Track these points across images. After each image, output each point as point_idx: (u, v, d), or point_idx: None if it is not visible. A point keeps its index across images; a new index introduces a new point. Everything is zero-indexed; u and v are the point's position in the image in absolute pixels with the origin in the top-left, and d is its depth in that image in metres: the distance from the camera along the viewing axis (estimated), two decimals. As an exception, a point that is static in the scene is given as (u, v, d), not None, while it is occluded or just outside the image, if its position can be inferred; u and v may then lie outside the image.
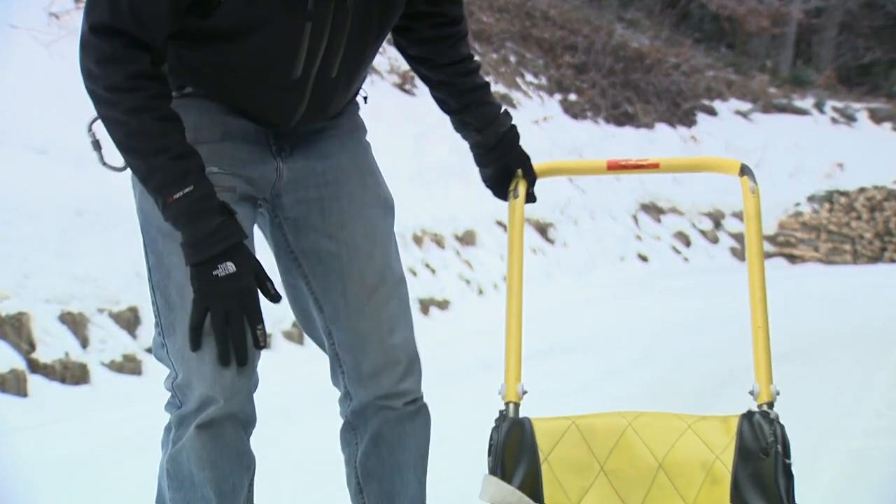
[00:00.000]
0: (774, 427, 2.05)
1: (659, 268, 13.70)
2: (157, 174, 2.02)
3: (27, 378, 5.79)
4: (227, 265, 2.00)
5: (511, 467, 2.06)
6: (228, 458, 2.19)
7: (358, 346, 2.31)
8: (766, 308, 2.15)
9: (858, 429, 4.92)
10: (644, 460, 2.10)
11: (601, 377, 5.84)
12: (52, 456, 4.60)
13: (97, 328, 6.45)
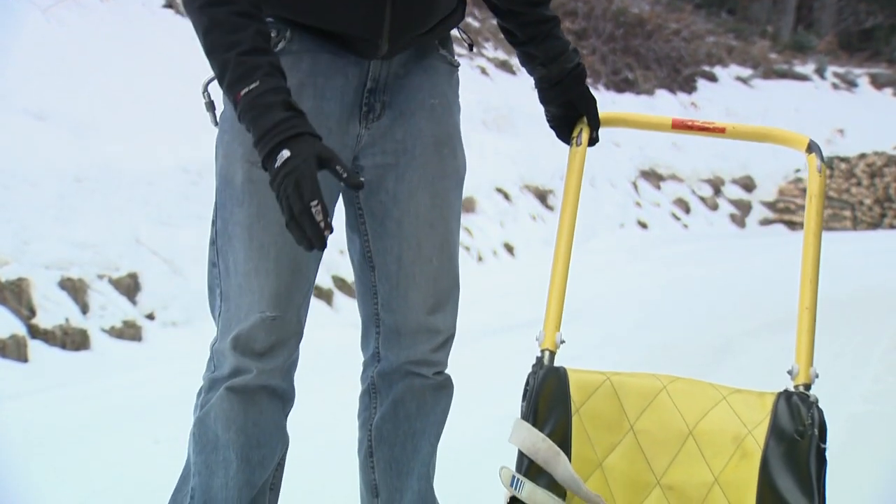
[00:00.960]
0: (812, 410, 2.03)
1: (658, 234, 13.69)
2: (227, 71, 2.02)
3: (27, 343, 5.80)
4: (281, 153, 1.97)
5: (543, 415, 2.05)
6: (264, 428, 2.21)
7: (402, 310, 2.31)
8: (816, 289, 2.11)
9: (857, 394, 4.94)
10: (675, 425, 2.09)
11: (600, 343, 5.85)
12: (53, 421, 4.61)
13: (97, 294, 6.46)
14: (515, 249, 11.34)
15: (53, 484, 3.72)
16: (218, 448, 2.18)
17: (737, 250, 12.15)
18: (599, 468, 2.06)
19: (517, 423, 2.02)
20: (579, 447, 2.06)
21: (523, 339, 3.38)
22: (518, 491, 1.91)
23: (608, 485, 2.04)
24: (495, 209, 11.02)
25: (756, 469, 2.02)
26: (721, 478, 2.04)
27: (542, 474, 1.98)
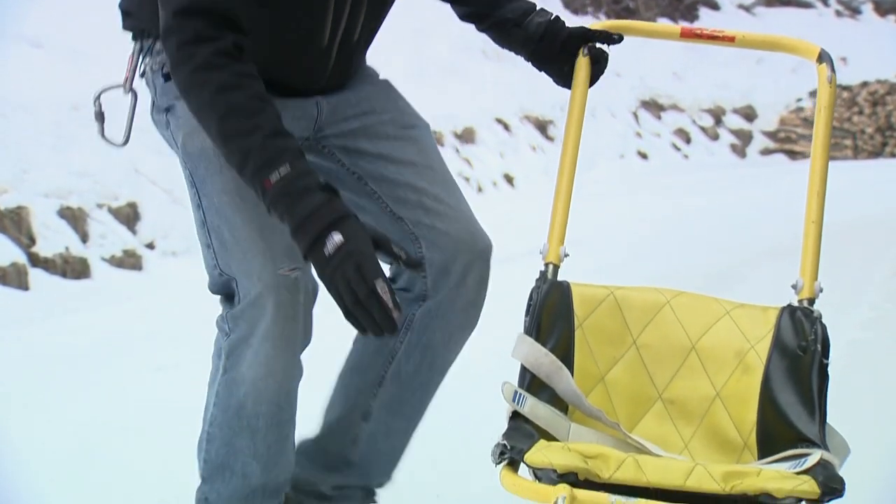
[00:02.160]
0: (816, 325, 2.02)
1: (659, 165, 13.65)
2: (252, 155, 1.93)
3: (28, 272, 5.81)
4: (332, 237, 1.88)
5: (546, 329, 2.05)
6: (293, 390, 2.21)
7: (451, 247, 2.29)
8: (822, 202, 2.10)
9: (855, 321, 4.96)
10: (678, 339, 2.09)
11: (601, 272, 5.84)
12: (53, 349, 4.63)
13: (97, 223, 6.46)
14: (515, 180, 11.32)
15: (54, 411, 3.74)
16: (243, 415, 2.17)
17: (737, 180, 12.13)
18: (601, 382, 2.07)
19: (520, 338, 2.02)
20: (582, 361, 2.07)
21: (523, 269, 3.38)
22: (520, 406, 1.92)
23: (610, 398, 2.05)
24: (495, 140, 10.98)
25: (758, 383, 2.02)
26: (723, 392, 2.04)
27: (544, 389, 1.99)
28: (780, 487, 1.69)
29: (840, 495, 1.70)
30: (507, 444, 1.80)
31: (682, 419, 2.06)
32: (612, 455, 1.75)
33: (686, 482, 1.72)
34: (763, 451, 1.96)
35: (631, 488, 1.72)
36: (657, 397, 2.08)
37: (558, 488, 1.70)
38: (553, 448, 1.77)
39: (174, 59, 1.97)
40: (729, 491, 1.70)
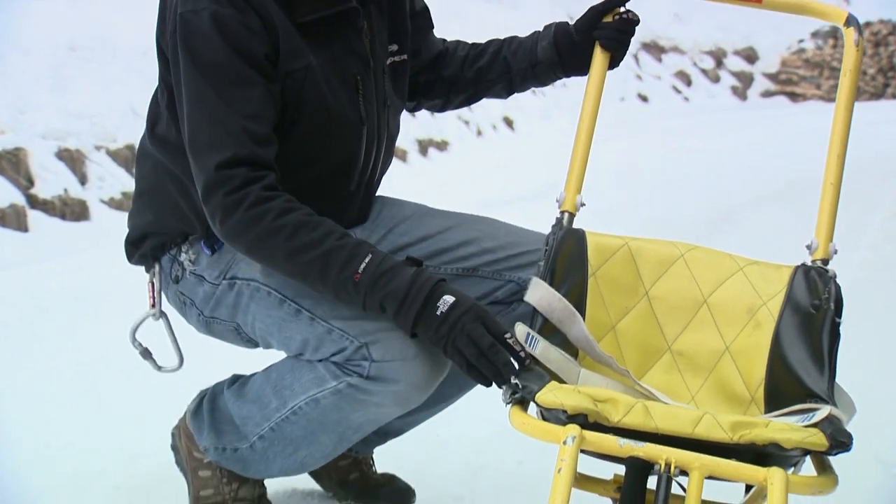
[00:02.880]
0: (830, 285, 2.01)
1: (659, 107, 13.61)
2: (333, 258, 1.97)
3: (27, 214, 5.81)
4: (444, 299, 1.93)
5: (560, 275, 2.06)
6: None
7: (508, 247, 2.32)
8: (842, 165, 2.08)
9: (854, 262, 4.98)
10: (690, 292, 2.09)
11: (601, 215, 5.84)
12: (53, 290, 4.64)
13: (95, 165, 6.44)
14: (515, 123, 11.28)
15: (54, 351, 3.76)
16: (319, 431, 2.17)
17: (738, 123, 12.09)
18: (612, 331, 2.07)
19: (534, 282, 2.02)
20: (593, 309, 2.07)
21: (523, 211, 3.38)
22: (532, 348, 1.92)
23: (620, 347, 2.06)
24: (495, 81, 10.90)
25: (768, 340, 2.02)
26: (732, 346, 2.05)
27: (555, 333, 1.99)
28: (788, 438, 1.69)
29: (847, 449, 1.71)
30: (518, 383, 1.81)
31: (690, 371, 2.07)
32: (622, 400, 1.75)
33: (694, 430, 1.72)
34: (770, 405, 1.96)
35: (639, 433, 1.73)
36: (666, 349, 2.09)
37: (568, 428, 1.71)
38: (564, 390, 1.78)
39: (224, 208, 2.00)
40: (737, 440, 1.71)
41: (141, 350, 2.29)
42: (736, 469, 1.69)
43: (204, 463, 2.27)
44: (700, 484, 1.68)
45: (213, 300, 2.20)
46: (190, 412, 2.30)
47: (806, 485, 1.73)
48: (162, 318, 2.29)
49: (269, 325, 2.13)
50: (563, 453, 1.67)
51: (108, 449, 2.79)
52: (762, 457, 1.72)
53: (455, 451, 2.83)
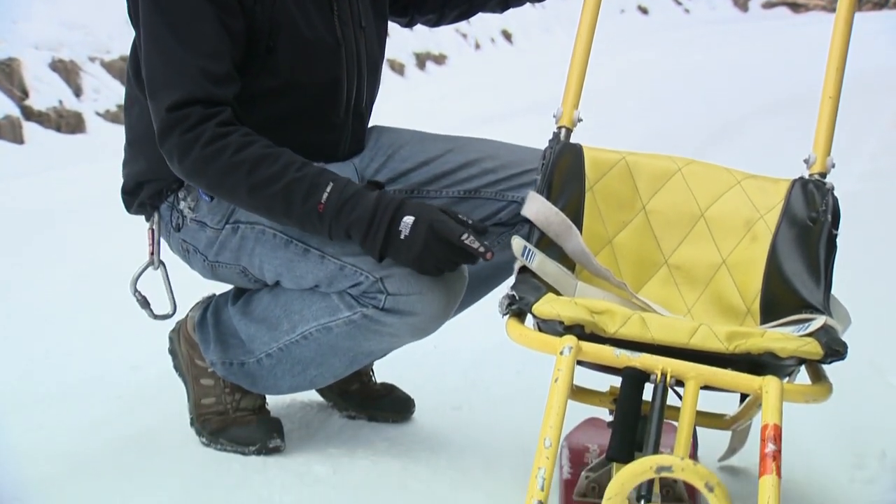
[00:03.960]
0: (828, 197, 2.01)
1: (659, 20, 13.47)
2: (295, 190, 1.97)
3: (22, 125, 5.77)
4: (404, 221, 1.93)
5: (558, 189, 2.06)
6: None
7: (510, 166, 2.31)
8: (841, 78, 2.06)
9: (853, 173, 4.96)
10: (687, 206, 2.09)
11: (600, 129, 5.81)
12: (49, 202, 4.63)
13: (90, 77, 6.39)
14: (513, 37, 11.17)
15: (51, 261, 3.77)
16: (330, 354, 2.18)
17: (738, 35, 11.98)
18: (609, 245, 2.08)
19: (531, 196, 2.02)
20: (590, 223, 2.07)
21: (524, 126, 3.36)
22: (529, 261, 1.93)
23: (616, 261, 2.06)
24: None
25: (765, 252, 2.03)
26: (729, 259, 2.05)
27: (552, 247, 1.99)
28: (783, 347, 1.70)
29: (842, 357, 1.72)
30: (515, 294, 1.81)
31: (686, 284, 2.07)
32: (619, 311, 1.76)
33: (690, 341, 1.73)
34: (766, 317, 1.97)
35: (636, 344, 1.74)
36: (663, 262, 2.09)
37: (565, 339, 1.71)
38: (561, 301, 1.78)
39: (180, 148, 1.99)
40: (733, 350, 1.72)
41: (139, 299, 2.28)
42: (732, 378, 1.70)
43: (207, 372, 2.28)
44: (696, 393, 1.69)
45: (217, 245, 2.19)
46: (195, 323, 2.30)
47: (801, 393, 1.75)
48: (160, 266, 2.29)
49: (278, 266, 2.12)
50: (559, 363, 1.68)
51: (108, 358, 2.81)
52: (758, 367, 1.73)
53: (453, 363, 2.85)
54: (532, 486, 1.44)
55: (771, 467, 1.51)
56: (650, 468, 1.08)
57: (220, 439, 2.26)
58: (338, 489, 2.10)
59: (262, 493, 2.07)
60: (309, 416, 2.48)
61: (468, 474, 2.18)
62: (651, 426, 1.66)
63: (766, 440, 1.55)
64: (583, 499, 1.94)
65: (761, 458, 1.53)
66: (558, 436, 1.56)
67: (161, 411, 2.44)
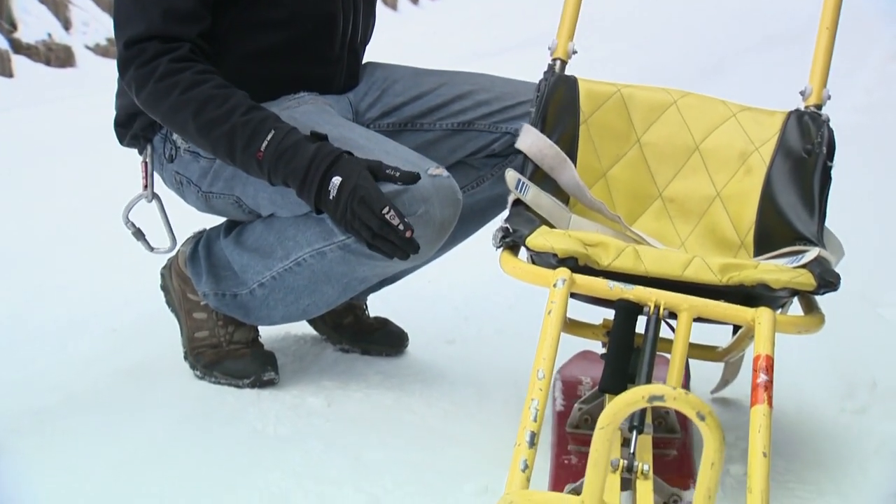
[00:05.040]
0: (823, 129, 2.00)
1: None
2: (237, 135, 1.96)
3: (11, 58, 5.72)
4: (332, 181, 1.92)
5: (552, 122, 2.04)
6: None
7: (504, 98, 2.30)
8: (838, 9, 2.04)
9: (848, 106, 4.95)
10: (682, 139, 2.09)
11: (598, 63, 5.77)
12: (40, 135, 4.61)
13: (79, 10, 6.33)
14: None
15: (42, 195, 3.76)
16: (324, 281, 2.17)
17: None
18: (603, 178, 2.07)
19: (525, 128, 2.01)
20: (585, 156, 2.06)
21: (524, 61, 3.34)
22: (523, 194, 1.92)
23: (610, 194, 2.05)
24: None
25: (759, 184, 2.02)
26: (723, 192, 2.05)
27: (546, 180, 1.99)
28: (777, 278, 1.70)
29: (835, 289, 1.72)
30: (509, 227, 1.81)
31: (680, 217, 2.07)
32: (612, 244, 1.75)
33: (684, 273, 1.73)
34: (760, 249, 1.97)
35: (629, 277, 1.74)
36: (657, 195, 2.09)
37: (558, 271, 1.71)
38: (554, 233, 1.78)
39: (136, 81, 2.02)
40: (726, 282, 1.72)
41: (133, 230, 2.27)
42: (725, 310, 1.71)
43: (200, 305, 2.28)
44: (689, 325, 1.70)
45: (211, 174, 2.18)
46: (186, 256, 2.30)
47: (793, 324, 1.75)
48: (155, 199, 2.27)
49: (272, 193, 2.11)
50: (553, 296, 1.68)
51: (101, 292, 2.81)
52: (751, 299, 1.73)
53: (447, 297, 2.85)
54: (525, 417, 1.44)
55: (763, 397, 1.52)
56: (642, 397, 1.08)
57: (214, 372, 2.27)
58: (332, 421, 2.11)
59: (257, 426, 2.08)
60: (303, 350, 2.49)
61: (461, 407, 2.19)
62: (644, 358, 1.66)
63: (759, 370, 1.56)
64: (575, 430, 1.95)
65: (753, 388, 1.53)
66: (551, 367, 1.56)
67: (155, 345, 2.45)
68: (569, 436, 1.94)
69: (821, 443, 2.03)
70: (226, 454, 1.95)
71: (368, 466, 1.91)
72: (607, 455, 1.13)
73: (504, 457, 1.57)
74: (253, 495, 1.79)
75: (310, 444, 2.00)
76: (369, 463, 1.93)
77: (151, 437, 2.01)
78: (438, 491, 1.83)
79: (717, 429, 1.08)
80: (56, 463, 1.90)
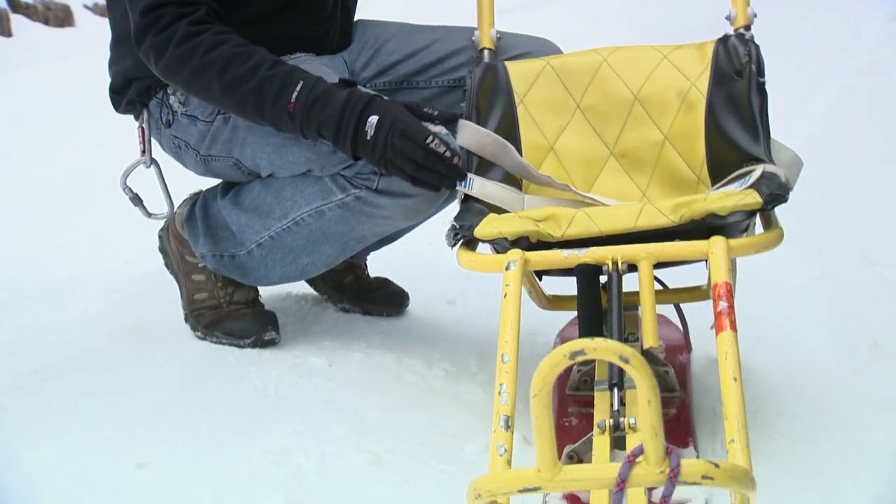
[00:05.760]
0: (749, 47, 2.01)
1: None
2: (265, 89, 1.94)
3: (10, 18, 5.70)
4: (369, 121, 1.89)
5: (486, 111, 2.06)
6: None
7: (498, 52, 2.26)
8: None
9: (851, 66, 4.92)
10: (620, 94, 2.08)
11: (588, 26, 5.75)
12: (39, 96, 4.60)
13: (77, -32, 6.28)
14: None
15: (42, 155, 3.75)
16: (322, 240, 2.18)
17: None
18: (551, 152, 2.07)
19: (461, 124, 2.01)
20: (528, 135, 2.06)
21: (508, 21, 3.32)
22: (468, 188, 1.92)
23: (563, 166, 2.05)
24: None
25: (702, 117, 2.02)
26: (670, 133, 2.05)
27: (493, 168, 1.99)
28: (722, 206, 1.69)
29: (783, 201, 1.70)
30: (456, 224, 1.81)
31: (635, 170, 2.07)
32: (563, 213, 1.75)
33: (637, 223, 1.72)
34: (715, 179, 1.97)
35: (589, 241, 1.73)
36: (608, 154, 2.08)
37: (508, 254, 1.70)
38: (502, 218, 1.78)
39: (155, 49, 1.98)
40: (678, 221, 1.71)
41: (131, 196, 2.26)
42: (680, 249, 1.69)
43: (198, 267, 2.28)
44: (650, 273, 1.68)
45: (209, 138, 2.17)
46: (183, 218, 2.30)
47: (749, 245, 1.73)
48: (153, 164, 2.26)
49: (270, 153, 2.11)
50: (507, 279, 1.66)
51: (102, 253, 2.81)
52: (712, 231, 1.72)
53: (448, 257, 2.84)
54: (497, 403, 1.45)
55: (725, 324, 1.52)
56: (564, 355, 1.09)
57: (216, 332, 2.28)
58: (333, 381, 2.12)
59: (258, 385, 2.08)
60: (304, 310, 2.49)
61: (462, 367, 2.20)
62: (612, 316, 1.66)
63: (718, 299, 1.55)
64: (575, 392, 1.95)
65: (716, 317, 1.53)
66: (515, 350, 1.55)
67: (156, 305, 2.45)
68: (569, 398, 1.95)
69: (820, 401, 2.03)
70: (227, 413, 1.96)
71: (369, 426, 1.92)
72: (549, 421, 1.15)
73: (504, 416, 1.56)
74: (254, 454, 1.80)
75: (311, 403, 2.00)
76: (370, 422, 1.93)
77: (153, 396, 2.02)
78: (439, 450, 1.83)
79: (643, 367, 1.09)
80: (58, 422, 1.91)
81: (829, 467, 1.79)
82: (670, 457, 1.14)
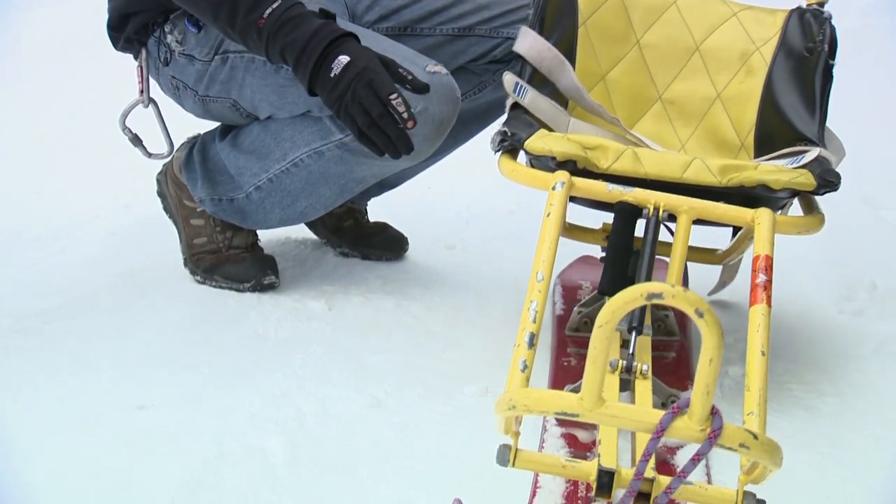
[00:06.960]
0: (825, 27, 1.97)
1: None
2: (240, 3, 1.88)
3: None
4: (338, 59, 1.82)
5: (550, 24, 2.01)
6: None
7: (505, 2, 2.27)
8: None
9: (853, 9, 4.88)
10: (682, 40, 2.06)
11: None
12: (38, 38, 4.57)
13: None
14: None
15: (43, 100, 3.74)
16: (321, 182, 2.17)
17: None
18: (602, 81, 2.05)
19: (523, 31, 1.97)
20: (584, 59, 2.03)
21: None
22: (521, 97, 1.89)
23: (610, 97, 2.03)
24: None
25: (760, 85, 2.00)
26: (724, 93, 2.02)
27: (545, 83, 1.96)
28: (777, 179, 1.69)
29: (835, 188, 1.71)
30: (507, 131, 1.78)
31: (680, 120, 2.05)
32: (612, 146, 1.74)
33: (684, 175, 1.72)
34: (760, 150, 1.95)
35: (628, 179, 1.72)
36: (657, 98, 2.06)
37: (557, 174, 1.69)
38: (553, 137, 1.76)
39: None
40: (726, 184, 1.70)
41: (130, 137, 2.24)
42: (724, 211, 1.70)
43: (196, 212, 2.28)
44: (688, 227, 1.69)
45: (207, 78, 2.15)
46: (181, 162, 2.29)
47: (793, 224, 1.74)
48: (151, 104, 2.24)
49: (269, 94, 2.09)
50: (551, 198, 1.66)
51: (100, 197, 2.81)
52: (751, 200, 1.72)
53: (447, 202, 2.85)
54: (524, 319, 1.44)
55: (762, 297, 1.52)
56: (640, 295, 1.07)
57: (215, 276, 2.28)
58: (332, 325, 2.12)
59: (258, 328, 2.09)
60: (303, 254, 2.49)
61: (461, 311, 2.20)
62: (643, 260, 1.65)
63: (758, 270, 1.55)
64: (575, 333, 1.96)
65: (752, 288, 1.53)
66: (550, 269, 1.56)
67: (155, 249, 2.45)
68: (568, 339, 1.95)
69: (820, 344, 2.04)
70: (227, 356, 1.96)
71: (369, 369, 1.93)
72: (606, 353, 1.13)
73: (504, 360, 1.57)
74: (254, 396, 1.80)
75: (311, 347, 2.01)
76: (370, 366, 1.94)
77: (153, 340, 2.03)
78: (439, 393, 1.84)
79: (716, 325, 1.07)
80: (58, 364, 1.91)
81: (830, 410, 1.80)
82: (713, 417, 1.13)
